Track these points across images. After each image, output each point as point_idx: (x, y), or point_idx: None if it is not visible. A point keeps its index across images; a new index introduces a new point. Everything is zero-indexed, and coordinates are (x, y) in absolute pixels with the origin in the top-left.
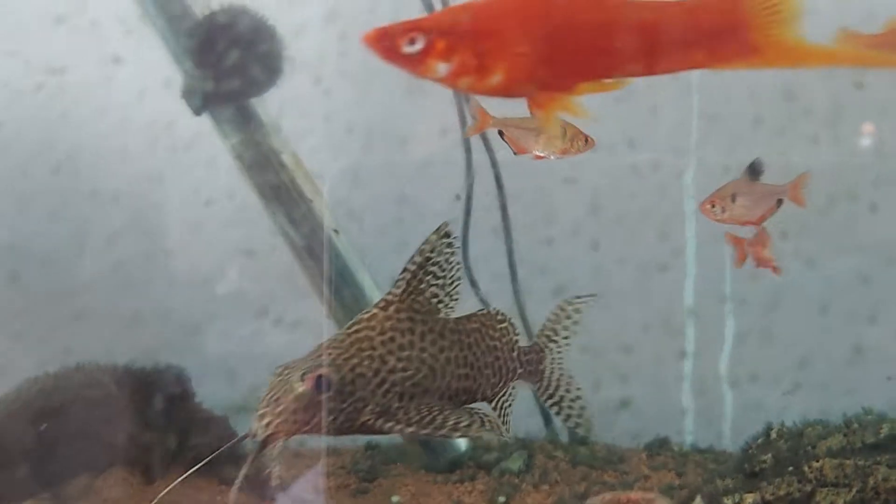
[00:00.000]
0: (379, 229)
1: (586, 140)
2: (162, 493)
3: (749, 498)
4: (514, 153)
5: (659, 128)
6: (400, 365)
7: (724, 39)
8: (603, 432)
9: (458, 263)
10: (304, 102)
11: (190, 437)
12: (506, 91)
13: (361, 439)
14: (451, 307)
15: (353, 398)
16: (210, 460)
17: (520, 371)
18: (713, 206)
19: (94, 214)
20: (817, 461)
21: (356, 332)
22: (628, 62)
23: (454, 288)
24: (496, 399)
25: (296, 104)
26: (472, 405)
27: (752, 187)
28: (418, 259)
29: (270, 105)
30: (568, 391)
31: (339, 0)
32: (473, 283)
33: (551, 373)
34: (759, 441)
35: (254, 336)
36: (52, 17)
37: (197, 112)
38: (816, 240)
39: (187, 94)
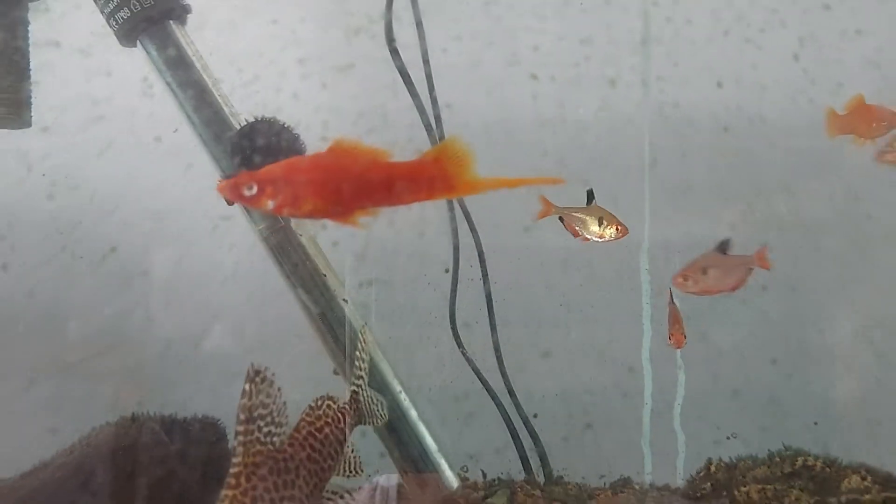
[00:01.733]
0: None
1: (617, 228)
2: None
3: None
4: (574, 236)
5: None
6: None
7: (434, 183)
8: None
9: (278, 390)
10: None
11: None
12: (314, 215)
13: None
14: (284, 431)
15: None
16: None
17: (348, 430)
18: (686, 280)
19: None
20: (745, 486)
21: None
22: (381, 199)
23: (282, 415)
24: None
25: None
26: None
27: (723, 260)
28: (244, 416)
29: None
30: (374, 402)
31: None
32: (460, 345)
33: (366, 400)
34: (701, 473)
35: None
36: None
37: (229, 203)
38: None
39: None
